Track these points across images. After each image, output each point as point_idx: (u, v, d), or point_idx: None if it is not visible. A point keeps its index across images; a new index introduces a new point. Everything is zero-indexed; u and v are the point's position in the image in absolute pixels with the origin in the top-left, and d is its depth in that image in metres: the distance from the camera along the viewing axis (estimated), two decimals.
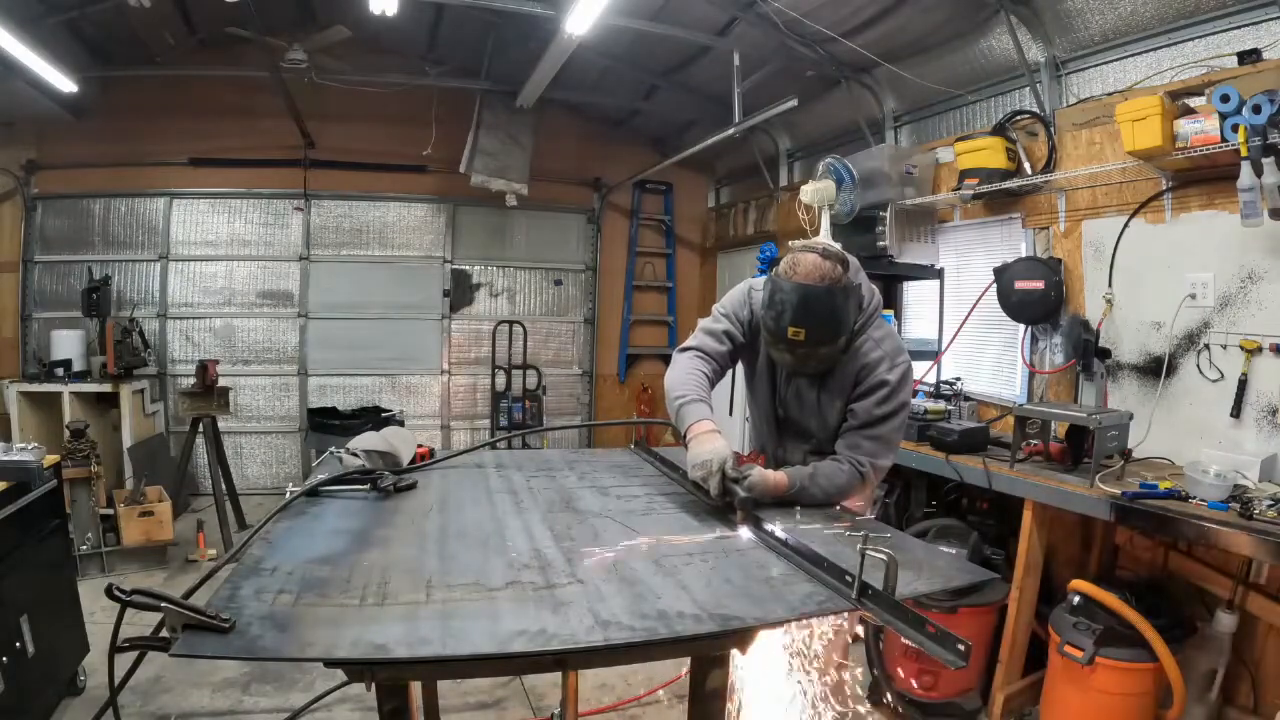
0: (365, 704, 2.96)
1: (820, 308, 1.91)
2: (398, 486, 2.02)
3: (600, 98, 6.43)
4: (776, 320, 1.93)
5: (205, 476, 5.64)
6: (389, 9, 3.97)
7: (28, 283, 6.01)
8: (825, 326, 1.93)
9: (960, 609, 2.88)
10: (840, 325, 1.96)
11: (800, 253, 1.97)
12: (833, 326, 1.94)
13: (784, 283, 1.92)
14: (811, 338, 1.92)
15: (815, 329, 1.91)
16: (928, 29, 4.02)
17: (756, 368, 2.29)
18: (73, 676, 3.00)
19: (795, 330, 1.90)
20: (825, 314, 1.92)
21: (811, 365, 2.05)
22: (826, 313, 1.92)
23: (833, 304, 1.92)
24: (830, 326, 1.94)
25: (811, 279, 1.90)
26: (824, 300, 1.90)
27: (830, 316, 1.93)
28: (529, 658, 1.21)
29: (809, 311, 1.90)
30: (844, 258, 1.99)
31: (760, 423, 2.36)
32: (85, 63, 5.13)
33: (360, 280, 6.69)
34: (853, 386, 2.08)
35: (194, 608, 1.13)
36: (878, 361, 2.05)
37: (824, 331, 1.93)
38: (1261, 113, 2.42)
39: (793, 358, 2.01)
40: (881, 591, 1.32)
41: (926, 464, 3.33)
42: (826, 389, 2.12)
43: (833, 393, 2.11)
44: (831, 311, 1.92)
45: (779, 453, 2.25)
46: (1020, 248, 3.75)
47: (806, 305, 1.89)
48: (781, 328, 1.92)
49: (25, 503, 2.73)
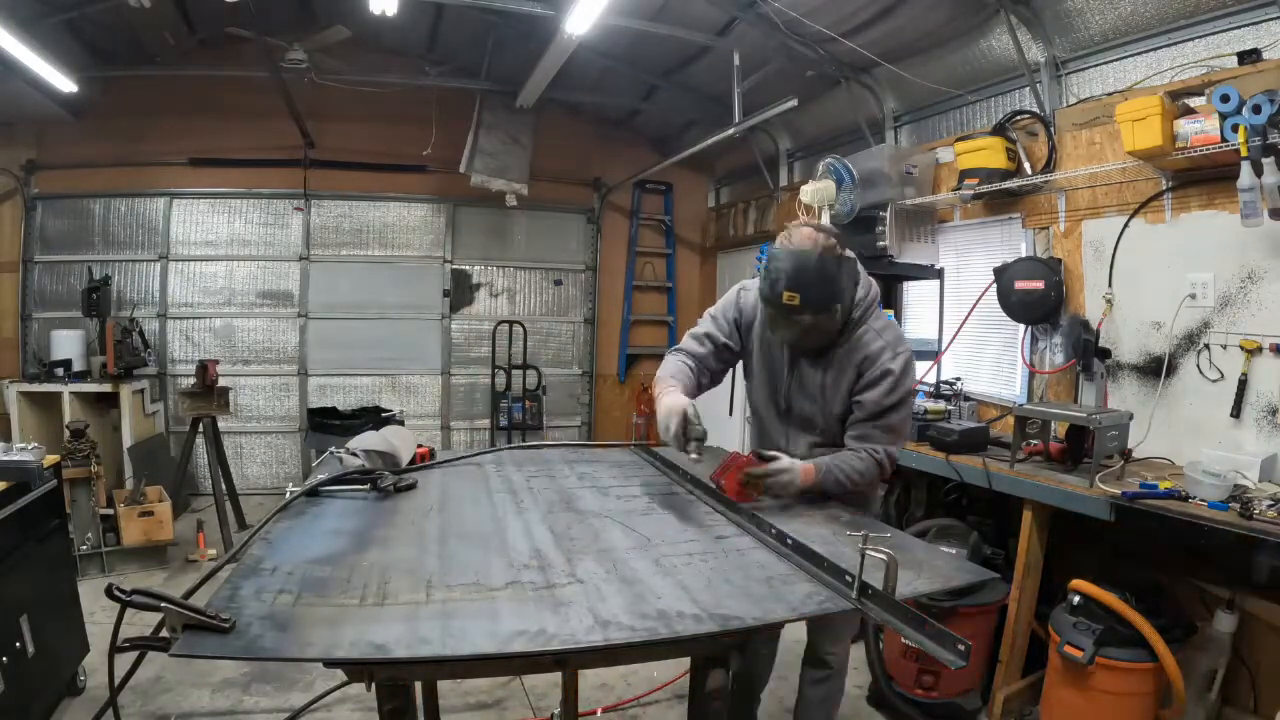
0: (365, 704, 2.96)
1: (814, 272, 1.97)
2: (398, 486, 2.02)
3: (600, 98, 6.42)
4: (772, 287, 1.99)
5: (205, 476, 5.63)
6: (389, 9, 3.98)
7: (28, 283, 6.01)
8: (819, 290, 1.98)
9: (960, 609, 2.88)
10: (835, 291, 2.02)
11: (795, 226, 2.05)
12: (828, 291, 2.00)
13: (778, 251, 2.01)
14: (806, 301, 1.97)
15: (809, 292, 1.97)
16: (928, 29, 4.02)
17: (753, 366, 2.32)
18: (73, 676, 2.99)
19: (790, 295, 1.96)
20: (819, 278, 1.98)
21: (812, 339, 2.10)
22: (820, 277, 1.98)
23: (825, 269, 1.98)
24: (825, 291, 2.00)
25: (804, 245, 1.98)
26: (817, 265, 1.97)
27: (824, 280, 1.99)
28: (529, 658, 1.21)
29: (803, 276, 1.96)
30: (837, 233, 2.07)
31: (764, 418, 2.38)
32: (85, 63, 5.13)
33: (360, 280, 6.69)
34: (856, 378, 2.12)
35: (194, 608, 1.14)
36: (880, 351, 2.09)
37: (819, 295, 1.99)
38: (1261, 113, 2.42)
39: (792, 329, 2.05)
40: (881, 591, 1.32)
41: (926, 464, 3.32)
42: (830, 377, 2.16)
43: (837, 382, 2.15)
44: (824, 275, 1.98)
45: (784, 446, 2.26)
46: (1020, 248, 3.75)
47: (801, 270, 1.96)
48: (777, 293, 1.98)
49: (25, 503, 2.73)
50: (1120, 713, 2.51)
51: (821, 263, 1.97)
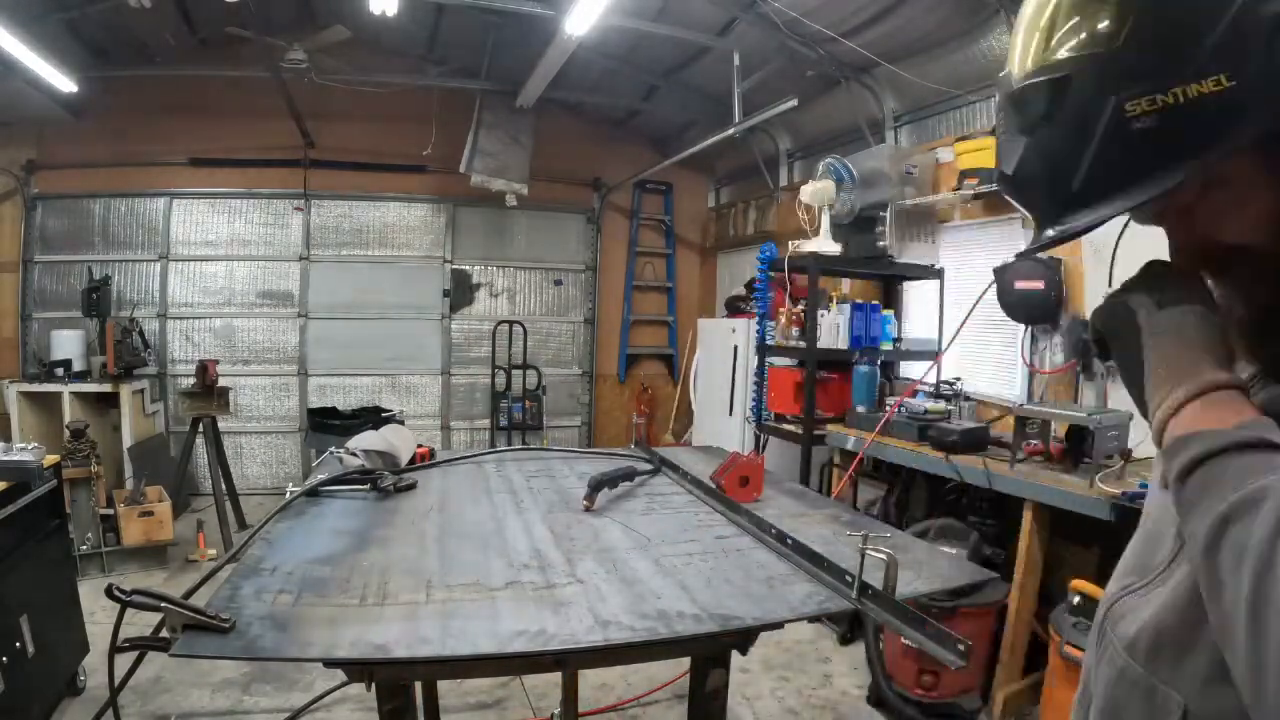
0: (365, 704, 2.96)
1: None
2: (398, 486, 2.02)
3: (600, 98, 6.43)
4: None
5: (205, 476, 5.64)
6: (389, 9, 3.98)
7: (28, 283, 6.02)
8: None
9: (960, 609, 2.87)
10: None
11: None
12: None
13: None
14: None
15: None
16: (928, 29, 4.02)
17: None
18: (73, 676, 2.99)
19: None
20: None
21: None
22: None
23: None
24: None
25: None
26: None
27: None
28: (529, 658, 1.21)
29: None
30: None
31: None
32: (85, 63, 5.13)
33: (360, 280, 6.69)
34: None
35: (194, 608, 1.13)
36: None
37: None
38: None
39: None
40: (881, 591, 1.32)
41: (926, 464, 3.32)
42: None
43: None
44: None
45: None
46: (1020, 248, 3.75)
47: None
48: None
49: (25, 503, 2.73)
50: None
51: None
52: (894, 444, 3.51)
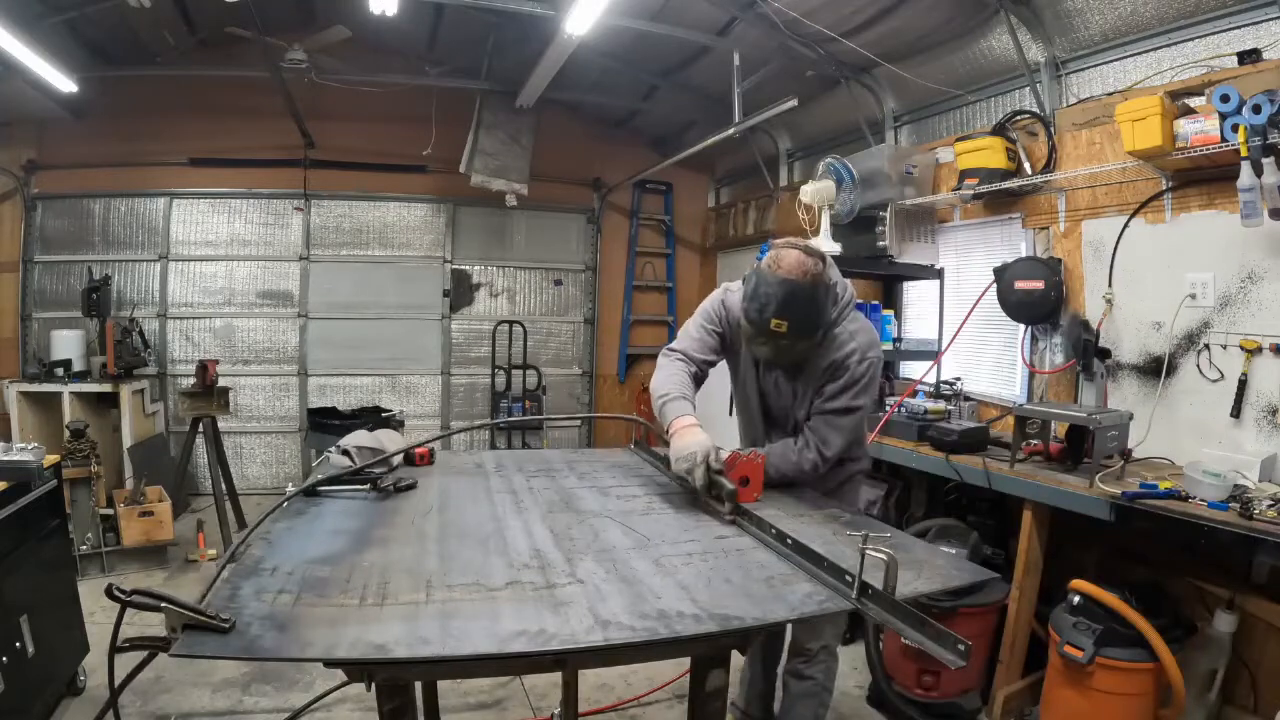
0: (365, 704, 2.96)
1: (803, 301, 2.01)
2: (397, 486, 2.02)
3: (600, 98, 6.42)
4: (760, 312, 2.02)
5: (205, 476, 5.64)
6: (389, 9, 3.97)
7: (28, 283, 6.01)
8: (807, 319, 2.04)
9: (960, 609, 2.88)
10: (820, 318, 2.08)
11: (783, 249, 2.09)
12: (813, 319, 2.06)
13: (769, 276, 2.03)
14: (793, 329, 2.02)
15: (797, 321, 2.02)
16: (928, 29, 4.02)
17: (740, 367, 2.41)
18: (73, 676, 2.99)
19: (778, 322, 2.00)
20: (807, 307, 2.03)
21: (788, 357, 2.17)
22: (808, 306, 2.03)
23: (815, 297, 2.04)
24: (811, 319, 2.05)
25: (794, 274, 2.02)
26: (807, 294, 2.02)
27: (812, 309, 2.04)
28: (529, 658, 1.21)
29: (793, 305, 2.00)
30: (823, 255, 2.12)
31: (747, 418, 2.48)
32: (85, 63, 5.13)
33: (360, 280, 6.69)
34: (825, 377, 2.19)
35: (194, 608, 1.14)
36: (849, 354, 2.16)
37: (805, 324, 2.04)
38: (1261, 113, 2.42)
39: (772, 349, 2.11)
40: (881, 591, 1.32)
41: (926, 464, 3.32)
42: (803, 380, 2.24)
43: (808, 382, 2.23)
44: (813, 304, 2.04)
45: (762, 442, 2.36)
46: (1020, 248, 3.75)
47: (791, 298, 2.00)
48: (765, 319, 2.01)
49: (25, 503, 2.73)
50: (1120, 713, 2.50)
51: (813, 290, 2.03)
52: (894, 444, 3.51)
